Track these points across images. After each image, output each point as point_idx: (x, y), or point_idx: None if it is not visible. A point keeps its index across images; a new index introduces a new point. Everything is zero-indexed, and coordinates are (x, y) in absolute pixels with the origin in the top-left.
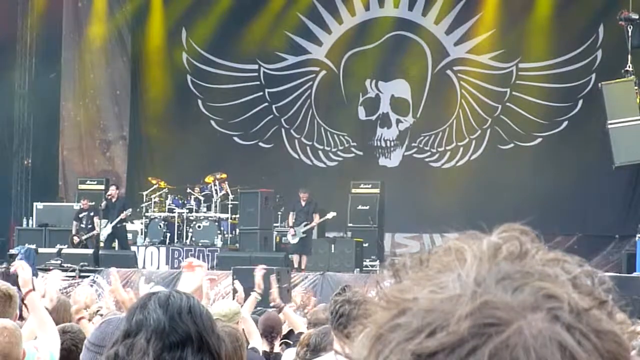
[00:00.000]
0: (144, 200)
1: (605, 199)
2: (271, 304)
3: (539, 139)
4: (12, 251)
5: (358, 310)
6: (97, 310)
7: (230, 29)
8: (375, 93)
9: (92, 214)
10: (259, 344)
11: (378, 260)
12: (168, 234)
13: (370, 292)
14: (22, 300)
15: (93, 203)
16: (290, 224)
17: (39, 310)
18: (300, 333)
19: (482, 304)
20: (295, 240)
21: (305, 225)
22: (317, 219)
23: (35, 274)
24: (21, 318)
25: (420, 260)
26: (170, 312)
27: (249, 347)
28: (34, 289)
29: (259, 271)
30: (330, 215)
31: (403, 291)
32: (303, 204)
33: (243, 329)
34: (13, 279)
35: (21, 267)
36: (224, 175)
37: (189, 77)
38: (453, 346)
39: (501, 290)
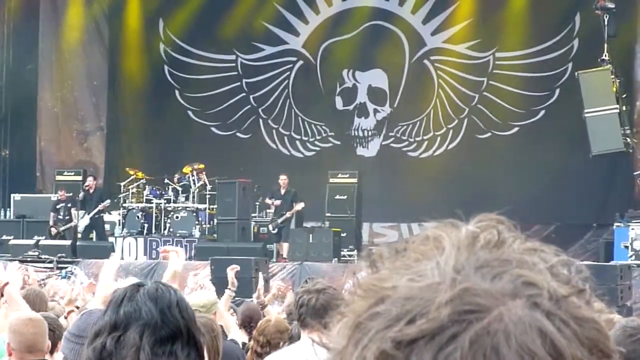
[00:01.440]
0: (122, 191)
1: (582, 187)
2: (255, 300)
3: (516, 128)
4: None
5: (317, 300)
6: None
7: (208, 19)
8: (352, 83)
9: (69, 205)
10: (238, 336)
11: (356, 250)
12: (146, 225)
13: (347, 283)
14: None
15: (71, 194)
16: (272, 209)
17: (16, 303)
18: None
19: (462, 290)
20: (275, 231)
21: (281, 216)
22: (295, 208)
23: None
24: None
25: (397, 249)
26: (160, 305)
27: (229, 338)
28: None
29: (231, 270)
30: (300, 206)
31: (381, 280)
32: (282, 191)
33: (221, 325)
34: None
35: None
36: (202, 166)
37: (166, 68)
38: (433, 333)
39: (480, 277)
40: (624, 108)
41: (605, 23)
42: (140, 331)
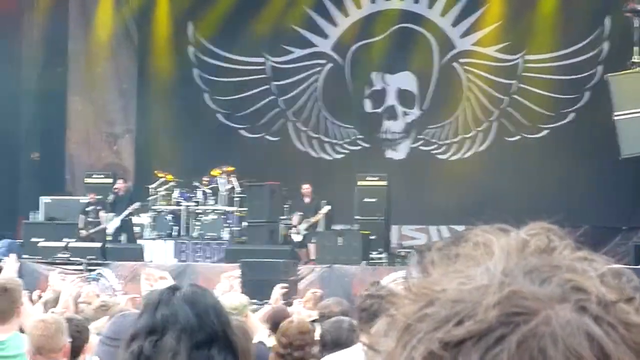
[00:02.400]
0: (151, 193)
1: (612, 190)
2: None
3: (546, 131)
4: None
5: (379, 305)
6: (101, 305)
7: (237, 22)
8: (381, 85)
9: (99, 207)
10: (265, 338)
11: (385, 253)
12: (175, 227)
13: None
14: None
15: (100, 197)
16: (295, 224)
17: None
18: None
19: (510, 293)
20: (300, 239)
21: (306, 223)
22: (319, 214)
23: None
24: None
25: (449, 255)
26: (197, 309)
27: (256, 341)
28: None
29: (280, 289)
30: (325, 209)
31: (431, 283)
32: (307, 200)
33: None
34: None
35: (7, 265)
36: (231, 169)
37: (195, 71)
38: (481, 334)
39: (529, 281)
40: None
41: (635, 25)
42: (177, 336)
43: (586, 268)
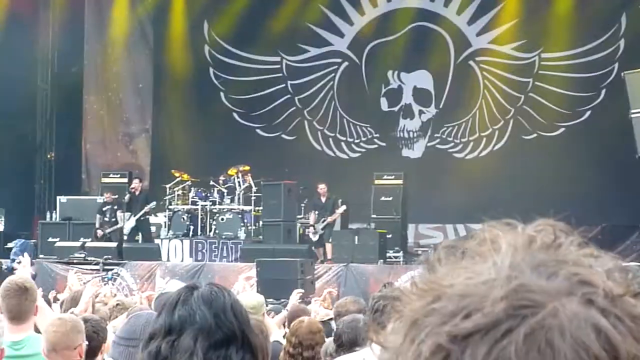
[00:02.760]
0: (167, 193)
1: (629, 188)
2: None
3: (562, 129)
4: (9, 245)
5: (392, 306)
6: (117, 304)
7: (252, 21)
8: (397, 84)
9: (115, 207)
10: (281, 338)
11: (401, 252)
12: (191, 227)
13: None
14: None
15: (116, 196)
16: (312, 223)
17: (40, 307)
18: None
19: (517, 286)
20: (317, 238)
21: (323, 222)
22: (336, 213)
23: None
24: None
25: (455, 251)
26: (214, 309)
27: (272, 340)
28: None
29: (297, 294)
30: (342, 209)
31: (438, 279)
32: (323, 200)
33: None
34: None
35: (22, 265)
36: (247, 168)
37: (211, 70)
38: (488, 327)
39: (536, 275)
40: None
41: None
42: (194, 336)
43: (592, 263)
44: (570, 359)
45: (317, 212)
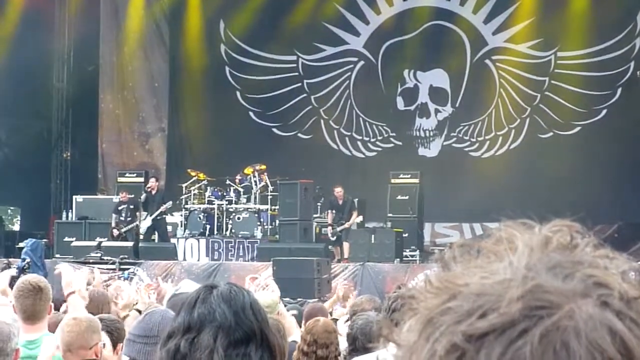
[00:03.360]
0: (184, 192)
1: None
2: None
3: (578, 128)
4: (21, 244)
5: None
6: (135, 304)
7: (268, 20)
8: (413, 83)
9: (131, 206)
10: (298, 338)
11: (418, 250)
12: (208, 226)
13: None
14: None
15: (132, 195)
16: (330, 222)
17: (79, 311)
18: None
19: (533, 287)
20: (334, 238)
21: (341, 224)
22: (353, 218)
23: (42, 267)
24: (57, 309)
25: (470, 250)
26: (234, 307)
27: (291, 340)
28: (73, 292)
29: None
30: (358, 219)
31: (454, 277)
32: (340, 202)
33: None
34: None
35: (63, 271)
36: (264, 167)
37: (227, 69)
38: (504, 327)
39: (552, 276)
40: None
41: None
42: (214, 333)
43: (608, 264)
44: None
45: (334, 212)
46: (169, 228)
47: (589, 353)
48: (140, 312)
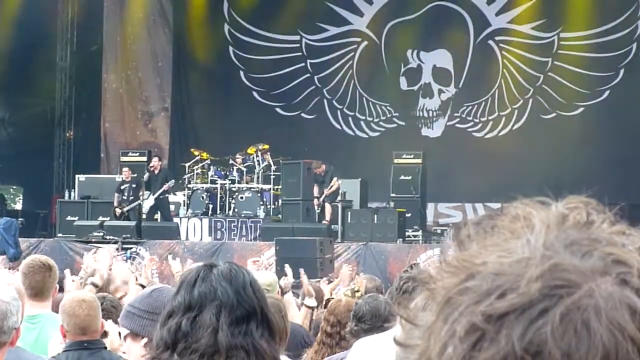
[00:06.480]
0: (187, 171)
1: None
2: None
3: (581, 109)
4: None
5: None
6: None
7: (272, 0)
8: (417, 63)
9: (134, 185)
10: (300, 320)
11: (421, 231)
12: (210, 206)
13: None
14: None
15: (135, 175)
16: (316, 194)
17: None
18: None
19: (552, 266)
20: (319, 210)
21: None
22: (332, 183)
23: (13, 245)
24: (61, 290)
25: (485, 229)
26: (235, 285)
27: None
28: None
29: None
30: (336, 184)
31: (471, 256)
32: (323, 175)
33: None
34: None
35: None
36: (266, 146)
37: (230, 49)
38: (524, 307)
39: (570, 254)
40: None
41: None
42: (216, 311)
43: (625, 242)
44: (606, 340)
45: (318, 185)
46: (172, 207)
47: (609, 332)
48: (143, 286)
